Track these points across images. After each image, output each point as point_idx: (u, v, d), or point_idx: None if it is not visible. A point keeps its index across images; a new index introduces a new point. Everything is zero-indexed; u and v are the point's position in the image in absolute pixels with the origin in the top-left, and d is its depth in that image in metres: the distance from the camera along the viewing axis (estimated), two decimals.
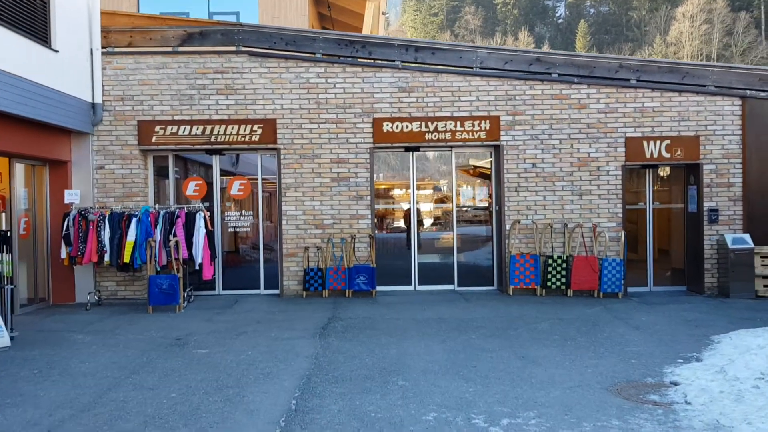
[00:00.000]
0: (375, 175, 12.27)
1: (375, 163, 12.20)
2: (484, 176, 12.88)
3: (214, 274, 11.76)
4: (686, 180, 12.42)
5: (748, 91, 12.05)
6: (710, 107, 11.97)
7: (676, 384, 6.25)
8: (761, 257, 11.58)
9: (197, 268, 11.05)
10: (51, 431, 5.19)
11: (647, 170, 12.46)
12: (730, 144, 11.94)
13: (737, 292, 11.46)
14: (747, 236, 11.63)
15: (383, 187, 12.95)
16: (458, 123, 11.85)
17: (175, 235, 10.78)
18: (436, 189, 13.28)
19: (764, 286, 11.57)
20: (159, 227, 10.86)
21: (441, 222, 13.05)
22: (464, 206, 12.85)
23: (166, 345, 8.16)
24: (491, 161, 12.43)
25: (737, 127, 11.94)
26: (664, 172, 12.88)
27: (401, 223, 12.95)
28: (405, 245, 12.59)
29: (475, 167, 13.15)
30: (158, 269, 10.84)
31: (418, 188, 12.63)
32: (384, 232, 12.92)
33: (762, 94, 12.02)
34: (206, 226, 11.02)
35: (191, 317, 10.02)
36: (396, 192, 13.07)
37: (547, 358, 7.31)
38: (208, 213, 11.32)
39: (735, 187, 11.94)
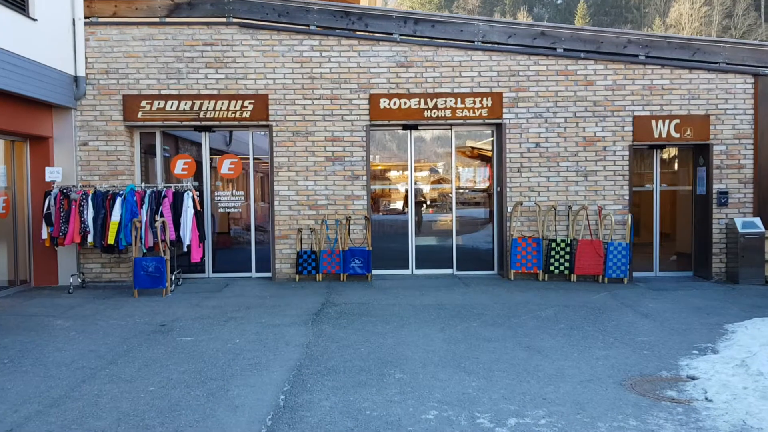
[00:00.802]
0: (371, 156, 11.75)
1: (371, 142, 11.68)
2: (483, 158, 12.37)
3: (203, 256, 11.28)
4: (695, 161, 11.94)
5: (761, 69, 11.52)
6: (721, 85, 11.46)
7: (693, 378, 5.81)
8: None
9: (185, 250, 10.56)
10: (13, 430, 4.73)
11: (654, 151, 11.97)
12: (742, 124, 11.44)
13: (746, 278, 11.03)
14: (757, 220, 11.18)
15: (380, 167, 12.43)
16: (459, 100, 11.32)
17: (161, 216, 10.27)
18: (435, 170, 12.77)
19: None
20: (145, 207, 10.34)
21: (439, 204, 12.56)
22: (464, 188, 12.35)
23: (149, 332, 7.69)
24: (492, 141, 11.92)
25: (749, 106, 11.43)
26: (672, 153, 12.38)
27: (398, 205, 12.45)
28: (402, 228, 12.12)
29: (474, 149, 12.63)
30: (144, 251, 10.36)
31: (416, 169, 12.13)
32: (380, 213, 12.42)
33: None
34: (195, 207, 10.51)
35: (178, 302, 9.55)
36: (393, 173, 12.55)
37: (554, 349, 6.86)
38: (197, 193, 10.80)
39: (746, 168, 11.46)
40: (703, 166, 11.67)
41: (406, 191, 12.07)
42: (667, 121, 11.42)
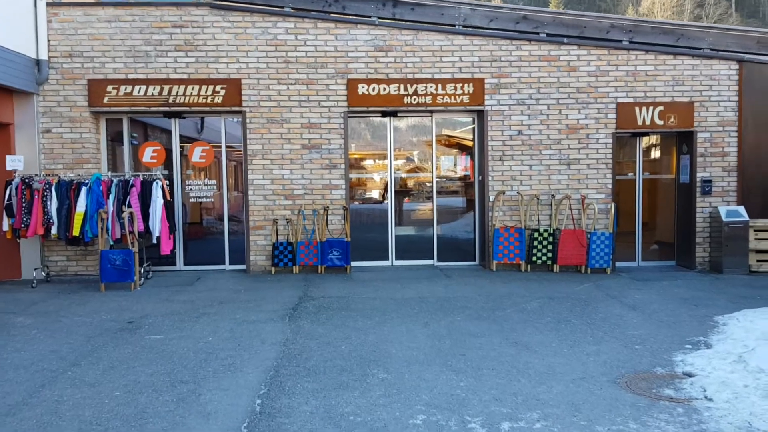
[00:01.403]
0: (350, 145, 11.36)
1: (349, 129, 11.28)
2: (464, 147, 12.05)
3: (174, 248, 10.81)
4: (678, 149, 11.75)
5: (745, 55, 11.35)
6: (706, 71, 11.26)
7: (690, 375, 5.57)
8: (755, 231, 11.00)
9: (154, 242, 10.10)
10: None
11: (637, 138, 11.76)
12: (726, 111, 11.27)
13: (730, 268, 10.90)
14: (741, 209, 11.03)
15: (358, 156, 12.04)
16: (440, 86, 10.96)
17: (129, 206, 9.79)
18: (414, 159, 12.42)
19: (758, 261, 11.02)
20: (112, 197, 9.85)
21: (420, 193, 12.22)
22: (445, 176, 12.02)
23: (116, 330, 7.25)
24: (474, 128, 11.60)
25: (734, 93, 11.26)
26: (655, 140, 12.17)
27: (378, 194, 12.08)
28: (382, 218, 11.77)
29: (453, 137, 12.29)
30: (111, 243, 9.87)
31: (396, 158, 11.78)
32: (359, 203, 12.04)
33: (760, 57, 11.34)
34: (164, 197, 10.04)
35: (147, 296, 9.10)
36: (372, 162, 12.17)
37: (543, 344, 6.58)
38: (167, 182, 10.33)
39: (730, 156, 11.30)
40: (687, 154, 11.49)
41: (386, 180, 11.72)
42: (650, 108, 11.20)
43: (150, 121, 11.53)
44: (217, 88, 10.73)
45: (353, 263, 11.14)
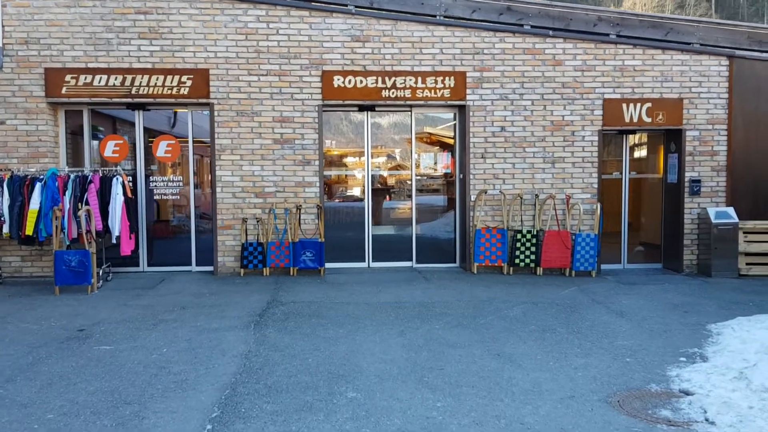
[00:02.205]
0: (325, 141, 10.80)
1: (325, 124, 10.72)
2: (444, 145, 11.54)
3: (136, 248, 10.19)
4: (666, 148, 11.33)
5: (736, 51, 10.96)
6: (695, 67, 10.84)
7: (688, 393, 5.10)
8: (744, 233, 10.61)
9: (114, 241, 9.47)
10: None
11: (624, 136, 11.33)
12: (716, 108, 10.86)
13: (719, 271, 10.49)
14: (731, 210, 10.64)
15: (335, 152, 11.47)
16: (419, 79, 10.43)
17: (87, 203, 9.15)
18: (393, 156, 11.88)
19: (747, 264, 10.63)
20: (68, 194, 9.20)
21: (398, 191, 11.70)
22: (425, 174, 11.50)
23: (63, 338, 6.64)
24: (455, 124, 11.09)
25: (723, 89, 10.85)
26: (642, 138, 11.74)
27: (354, 192, 11.52)
28: (358, 216, 11.23)
29: (433, 134, 11.77)
30: (68, 243, 9.22)
31: (374, 155, 11.23)
32: (335, 201, 11.48)
33: (751, 53, 10.95)
34: (125, 193, 9.41)
35: (104, 300, 8.47)
36: (349, 159, 11.60)
37: (527, 356, 6.08)
38: (129, 178, 9.72)
39: (719, 156, 10.90)
40: (675, 153, 11.07)
41: (363, 178, 11.16)
42: (638, 105, 10.76)
43: (118, 114, 10.86)
44: (184, 78, 10.11)
45: (328, 265, 10.58)
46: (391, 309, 8.00)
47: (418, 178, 11.26)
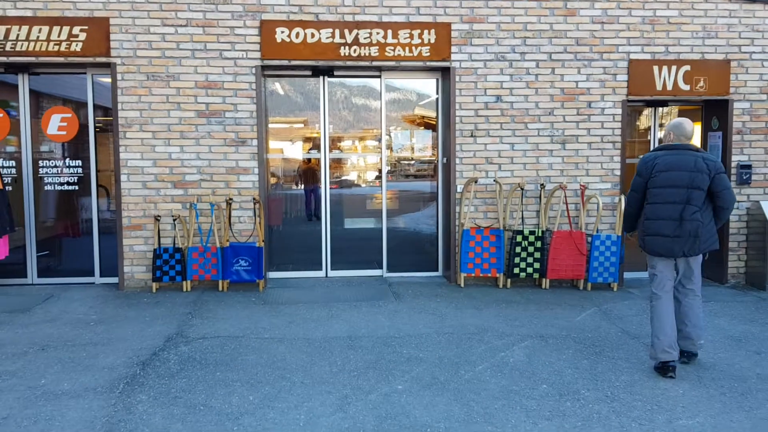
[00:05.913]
0: (268, 114, 8.35)
1: (267, 93, 8.25)
2: (426, 125, 9.09)
3: (22, 254, 7.74)
4: (706, 124, 8.92)
5: None
6: (747, 20, 8.40)
7: None
8: None
9: None
10: None
11: (653, 110, 8.92)
12: None
13: None
14: None
15: (279, 126, 8.97)
16: (389, 32, 7.96)
17: None
18: (357, 135, 9.38)
19: None
20: None
21: (366, 179, 9.25)
22: (400, 158, 9.05)
23: None
24: (437, 98, 8.65)
25: None
26: (673, 112, 9.32)
27: (308, 180, 9.02)
28: (312, 212, 8.81)
29: (423, 117, 9.29)
30: None
31: (333, 134, 8.78)
32: (281, 190, 9.02)
33: None
34: None
35: None
36: (299, 137, 9.09)
37: None
38: (4, 162, 7.23)
39: None
40: (718, 131, 8.66)
41: (317, 162, 8.70)
42: (673, 68, 8.33)
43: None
44: (75, 30, 7.59)
45: (272, 275, 8.18)
46: (339, 351, 5.58)
47: (393, 163, 8.82)
